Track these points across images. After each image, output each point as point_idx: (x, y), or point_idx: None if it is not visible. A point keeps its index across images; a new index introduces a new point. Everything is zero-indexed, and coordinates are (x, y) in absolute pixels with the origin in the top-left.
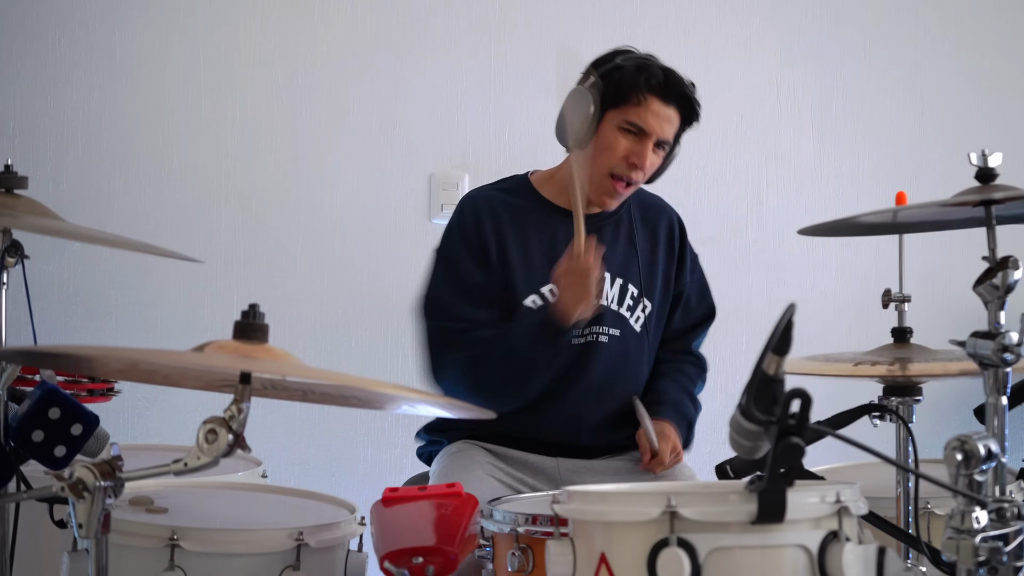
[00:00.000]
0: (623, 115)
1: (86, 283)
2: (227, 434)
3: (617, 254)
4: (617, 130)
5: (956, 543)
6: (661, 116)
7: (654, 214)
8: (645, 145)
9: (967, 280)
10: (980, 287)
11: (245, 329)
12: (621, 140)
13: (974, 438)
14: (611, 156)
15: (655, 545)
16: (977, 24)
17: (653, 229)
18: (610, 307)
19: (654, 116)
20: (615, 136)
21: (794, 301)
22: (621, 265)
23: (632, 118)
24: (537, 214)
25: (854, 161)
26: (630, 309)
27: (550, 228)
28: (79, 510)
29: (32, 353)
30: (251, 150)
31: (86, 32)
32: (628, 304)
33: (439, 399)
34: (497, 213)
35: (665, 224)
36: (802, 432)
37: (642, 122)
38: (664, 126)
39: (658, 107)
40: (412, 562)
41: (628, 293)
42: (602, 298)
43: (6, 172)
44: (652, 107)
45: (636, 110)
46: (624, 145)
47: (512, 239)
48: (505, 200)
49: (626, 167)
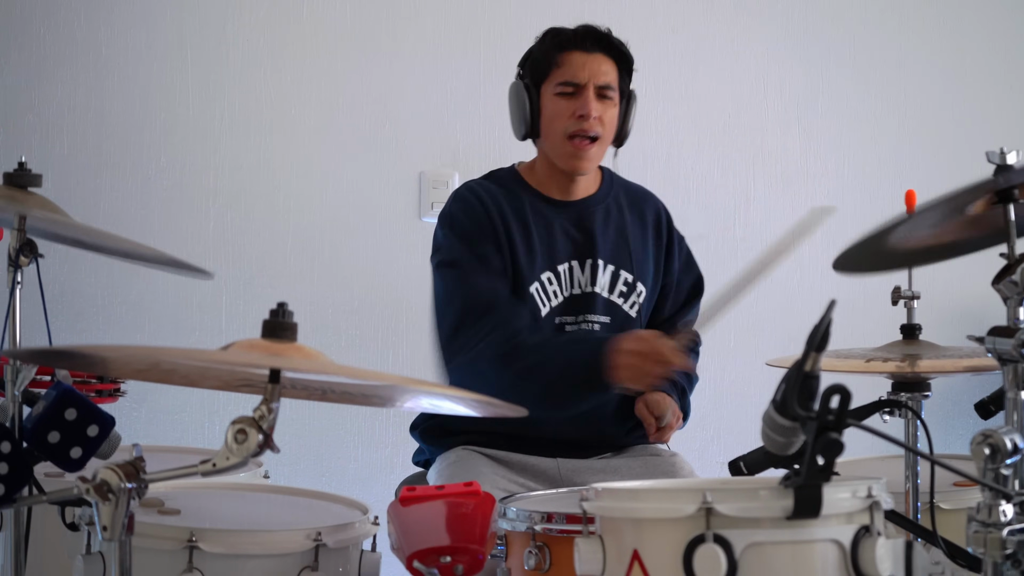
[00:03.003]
0: (554, 81)
1: (72, 283)
2: (257, 434)
3: (608, 241)
4: (555, 97)
5: (983, 536)
6: (589, 65)
7: (641, 202)
8: (584, 96)
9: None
10: (999, 283)
11: (274, 328)
12: (561, 102)
13: (999, 432)
14: (559, 120)
15: (691, 542)
16: (960, 24)
17: (641, 215)
18: (601, 294)
19: (580, 67)
20: (555, 102)
21: (834, 298)
22: (613, 251)
23: (560, 78)
24: (532, 203)
25: (840, 159)
26: (623, 295)
27: (545, 216)
28: (103, 512)
29: (51, 353)
30: (240, 148)
31: (71, 28)
32: (621, 291)
33: (470, 396)
34: (498, 201)
35: (652, 211)
36: (841, 428)
37: (571, 77)
38: (596, 73)
39: (580, 58)
40: (440, 561)
41: (620, 279)
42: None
43: (20, 170)
44: (574, 60)
45: (560, 71)
46: (565, 105)
47: (515, 226)
48: (501, 190)
49: (576, 122)
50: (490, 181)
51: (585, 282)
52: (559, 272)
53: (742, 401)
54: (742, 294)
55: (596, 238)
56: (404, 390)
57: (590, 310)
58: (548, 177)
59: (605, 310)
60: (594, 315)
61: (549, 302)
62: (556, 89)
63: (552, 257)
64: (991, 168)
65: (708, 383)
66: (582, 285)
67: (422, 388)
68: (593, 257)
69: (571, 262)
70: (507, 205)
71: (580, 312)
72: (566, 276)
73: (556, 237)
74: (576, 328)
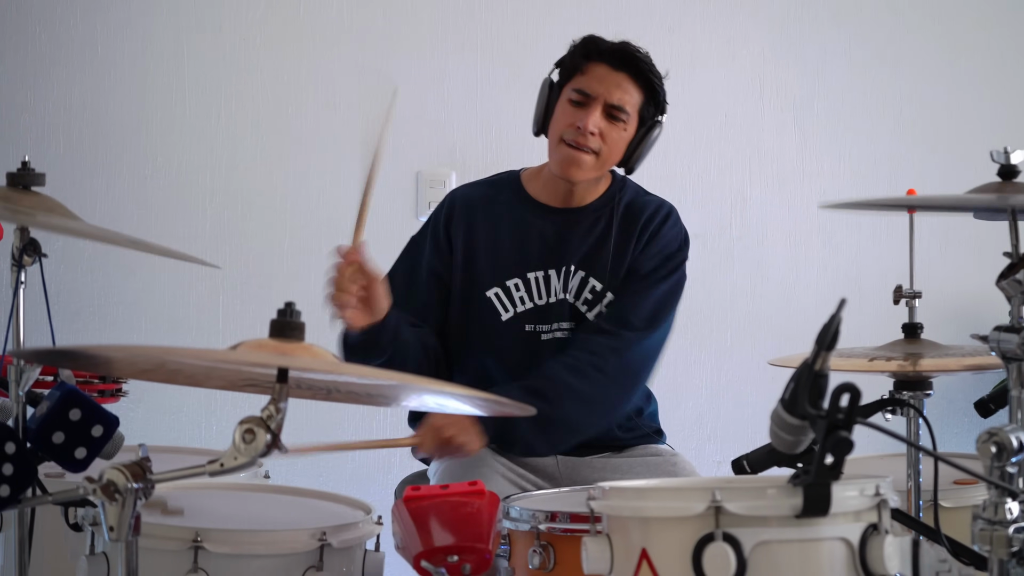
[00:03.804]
0: (572, 86)
1: (68, 282)
2: (265, 434)
3: (584, 248)
4: (567, 102)
5: (989, 534)
6: (608, 80)
7: (639, 211)
8: (590, 110)
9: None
10: (1003, 282)
11: (282, 328)
12: (568, 108)
13: (1005, 430)
14: (560, 125)
15: (700, 540)
16: (956, 24)
17: (632, 224)
18: (567, 299)
19: (598, 80)
20: (564, 107)
21: (845, 297)
22: (586, 258)
23: (577, 85)
24: (514, 210)
25: (835, 159)
26: (587, 303)
27: (523, 223)
28: (110, 513)
29: (56, 353)
30: (236, 148)
31: (67, 27)
32: (586, 298)
33: (477, 395)
34: (473, 207)
35: (645, 217)
36: (850, 426)
37: (586, 87)
38: (612, 90)
39: (603, 72)
40: (448, 560)
41: (588, 287)
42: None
43: (23, 169)
44: (596, 72)
45: (580, 78)
46: (570, 112)
47: (482, 232)
48: (486, 195)
49: (573, 132)
50: (482, 185)
51: (560, 290)
52: (529, 279)
53: (738, 401)
54: (369, 196)
55: (572, 245)
56: (411, 388)
57: (562, 318)
58: (548, 181)
59: (570, 316)
60: (564, 322)
61: (513, 308)
62: (570, 95)
63: (523, 264)
64: (990, 168)
65: (705, 383)
66: (556, 293)
67: (429, 387)
68: (567, 264)
69: (547, 270)
70: (483, 210)
71: (552, 320)
72: (538, 284)
73: (531, 245)
74: (551, 337)
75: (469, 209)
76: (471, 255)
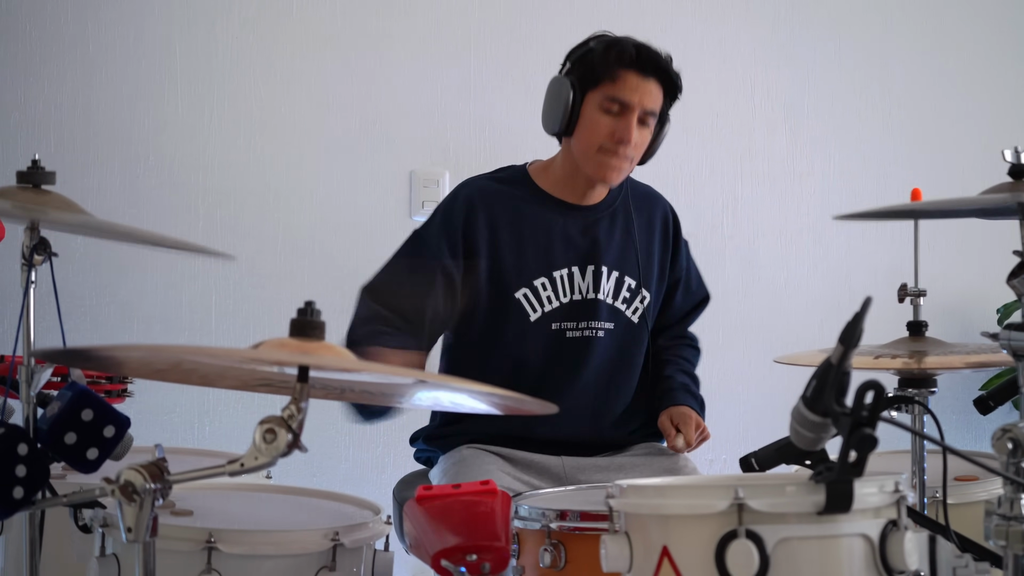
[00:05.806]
0: (603, 93)
1: (61, 281)
2: (286, 434)
3: (613, 246)
4: (599, 109)
5: (1005, 529)
6: (641, 89)
7: (649, 204)
8: (628, 119)
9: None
10: (1014, 280)
11: (303, 327)
12: (604, 118)
13: (1020, 426)
14: (596, 135)
15: (723, 537)
16: (944, 24)
17: (649, 219)
18: (605, 300)
19: (632, 90)
20: (598, 115)
21: (870, 295)
22: (618, 257)
23: (612, 94)
24: (534, 206)
25: (826, 159)
26: (626, 301)
27: (545, 220)
28: (127, 514)
29: (70, 353)
30: (229, 146)
31: (58, 24)
32: (624, 296)
33: (496, 392)
34: (491, 204)
35: (660, 214)
36: (874, 423)
37: (622, 96)
38: (645, 98)
39: (635, 81)
40: (467, 559)
41: (625, 285)
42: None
43: (34, 168)
44: (629, 81)
45: (614, 86)
46: (607, 122)
47: (505, 231)
48: (502, 191)
49: (613, 143)
50: (495, 180)
51: (587, 288)
52: (555, 277)
53: (730, 400)
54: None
55: (601, 244)
56: (427, 386)
57: (594, 316)
58: (567, 178)
59: (609, 316)
60: (598, 321)
61: (541, 308)
62: (603, 103)
63: (548, 262)
64: (989, 167)
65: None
66: (583, 291)
67: (447, 384)
68: (596, 263)
69: (571, 268)
70: (503, 208)
71: (583, 319)
72: (564, 282)
73: (555, 242)
74: (579, 335)
75: (488, 208)
76: (497, 255)
